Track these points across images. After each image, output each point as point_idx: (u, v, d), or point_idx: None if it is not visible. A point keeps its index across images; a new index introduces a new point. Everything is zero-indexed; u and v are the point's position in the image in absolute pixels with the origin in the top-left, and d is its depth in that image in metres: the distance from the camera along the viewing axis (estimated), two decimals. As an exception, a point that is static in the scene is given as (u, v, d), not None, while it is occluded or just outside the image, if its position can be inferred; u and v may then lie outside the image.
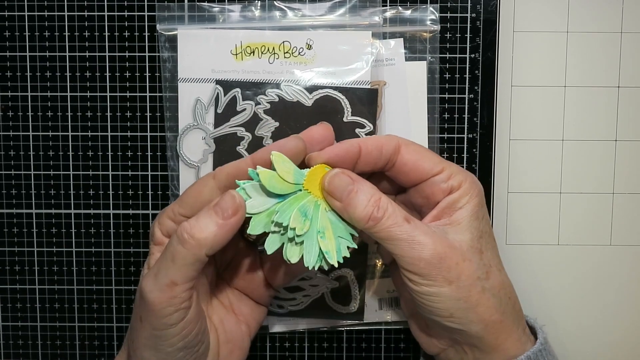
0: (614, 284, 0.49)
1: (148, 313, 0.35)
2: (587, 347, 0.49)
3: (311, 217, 0.37)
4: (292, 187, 0.37)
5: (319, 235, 0.37)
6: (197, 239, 0.34)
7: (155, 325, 0.35)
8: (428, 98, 0.46)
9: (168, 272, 0.35)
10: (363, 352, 0.48)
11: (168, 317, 0.35)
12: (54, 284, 0.48)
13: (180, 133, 0.46)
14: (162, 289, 0.35)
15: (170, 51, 0.45)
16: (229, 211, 0.35)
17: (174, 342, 0.36)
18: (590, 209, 0.48)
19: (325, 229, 0.37)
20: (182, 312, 0.35)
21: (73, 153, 0.47)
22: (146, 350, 0.36)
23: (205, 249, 0.34)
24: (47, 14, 0.46)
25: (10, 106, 0.47)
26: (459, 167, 0.39)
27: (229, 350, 0.40)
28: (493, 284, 0.37)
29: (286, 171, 0.37)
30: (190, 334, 0.36)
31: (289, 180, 0.37)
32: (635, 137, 0.48)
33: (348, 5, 0.46)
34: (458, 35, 0.46)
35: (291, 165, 0.37)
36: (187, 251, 0.34)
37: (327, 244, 0.37)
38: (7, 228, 0.48)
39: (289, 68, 0.45)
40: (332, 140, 0.39)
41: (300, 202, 0.37)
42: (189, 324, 0.36)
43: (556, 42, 0.47)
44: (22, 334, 0.48)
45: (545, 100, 0.47)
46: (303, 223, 0.36)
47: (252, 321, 0.41)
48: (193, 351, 0.37)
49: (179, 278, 0.34)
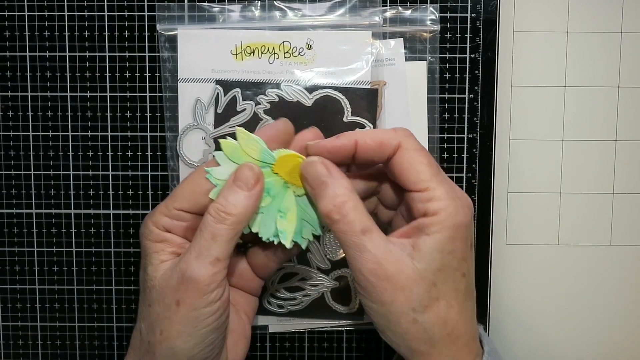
0: (614, 284, 0.49)
1: (191, 293, 0.36)
2: (587, 347, 0.49)
3: (274, 195, 0.39)
4: (257, 163, 0.39)
5: (279, 215, 0.39)
6: (234, 215, 0.36)
7: (197, 305, 0.36)
8: (428, 98, 0.46)
9: (211, 250, 0.36)
10: (363, 352, 0.48)
11: (210, 294, 0.36)
12: (54, 284, 0.48)
13: (180, 133, 0.46)
14: (207, 266, 0.36)
15: (170, 51, 0.45)
16: (252, 181, 0.37)
17: (210, 322, 0.37)
18: (590, 209, 0.48)
19: (288, 210, 0.39)
20: (221, 289, 0.37)
21: (73, 153, 0.47)
22: (179, 337, 0.37)
23: (242, 223, 0.37)
24: (47, 14, 0.46)
25: (10, 106, 0.47)
26: (450, 191, 0.36)
27: (235, 340, 0.41)
28: (430, 318, 0.36)
29: (252, 147, 0.39)
30: (224, 314, 0.38)
31: (253, 156, 0.39)
32: (635, 137, 0.48)
33: (348, 5, 0.46)
34: (458, 35, 0.46)
35: (259, 144, 0.39)
36: (227, 227, 0.36)
37: (286, 225, 0.39)
38: (7, 228, 0.48)
39: (289, 68, 0.45)
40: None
41: (266, 179, 0.39)
42: (225, 302, 0.37)
43: (556, 42, 0.47)
44: (22, 334, 0.48)
45: (545, 100, 0.47)
46: (263, 198, 0.39)
47: (248, 309, 0.42)
48: (220, 335, 0.38)
49: (221, 254, 0.36)
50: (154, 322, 0.38)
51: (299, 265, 0.47)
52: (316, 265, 0.47)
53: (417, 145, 0.37)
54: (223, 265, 0.37)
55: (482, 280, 0.47)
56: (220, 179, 0.39)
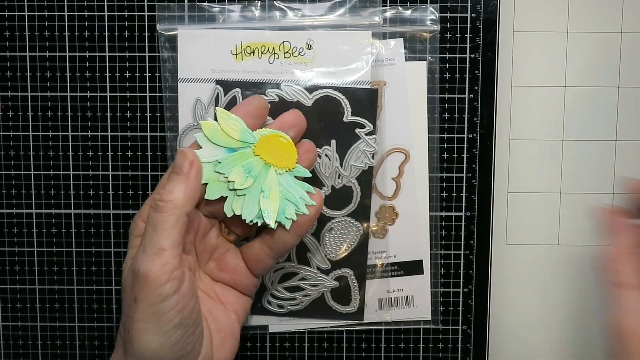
0: (614, 284, 0.49)
1: (143, 288, 0.36)
2: (588, 347, 0.49)
3: (256, 176, 0.40)
4: (238, 143, 0.40)
5: (262, 195, 0.40)
6: (169, 201, 0.36)
7: (152, 300, 0.36)
8: (428, 98, 0.46)
9: (153, 241, 0.36)
10: (363, 352, 0.48)
11: (162, 287, 0.36)
12: (54, 284, 0.48)
13: (180, 133, 0.46)
14: (151, 258, 0.36)
15: (170, 51, 0.45)
16: (186, 165, 0.38)
17: (171, 317, 0.36)
18: (590, 209, 0.48)
19: (270, 190, 0.40)
20: (175, 282, 0.36)
21: (73, 153, 0.47)
22: (143, 334, 0.37)
23: (181, 208, 0.37)
24: (47, 14, 0.46)
25: (10, 106, 0.47)
26: None
27: (221, 339, 0.41)
28: None
29: (231, 128, 0.39)
30: (186, 309, 0.37)
31: (233, 136, 0.39)
32: (635, 137, 0.48)
33: (348, 5, 0.46)
34: (458, 35, 0.46)
35: (239, 124, 0.39)
36: (165, 214, 0.36)
37: (268, 204, 0.40)
38: (7, 228, 0.48)
39: (289, 68, 0.45)
40: (304, 125, 0.42)
41: (246, 159, 0.39)
42: (184, 297, 0.37)
43: (556, 42, 0.47)
44: (22, 334, 0.48)
45: (545, 100, 0.47)
46: (244, 179, 0.39)
47: (239, 309, 0.42)
48: (189, 332, 0.37)
49: (164, 243, 0.36)
50: (124, 321, 0.38)
51: (299, 265, 0.47)
52: (316, 265, 0.47)
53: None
54: (170, 255, 0.36)
55: (482, 280, 0.47)
56: (202, 161, 0.39)
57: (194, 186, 0.38)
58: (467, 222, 0.47)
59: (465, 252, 0.47)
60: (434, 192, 0.47)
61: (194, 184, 0.38)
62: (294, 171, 0.41)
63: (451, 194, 0.47)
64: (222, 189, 0.40)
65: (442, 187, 0.47)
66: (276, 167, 0.40)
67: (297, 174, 0.41)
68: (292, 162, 0.40)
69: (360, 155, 0.45)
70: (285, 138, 0.40)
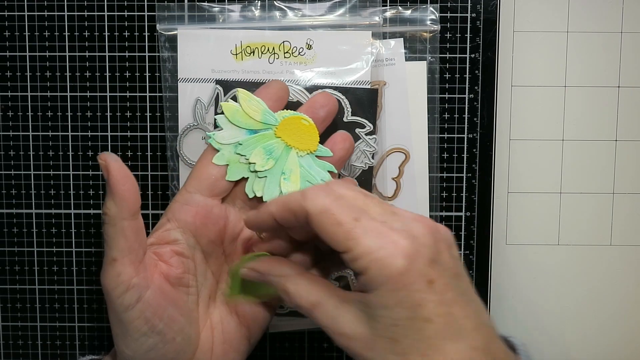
0: (614, 284, 0.49)
1: (107, 300, 0.37)
2: (588, 347, 0.49)
3: (277, 158, 0.40)
4: (259, 124, 0.40)
5: (283, 177, 0.40)
6: (105, 213, 0.36)
7: (116, 310, 0.36)
8: (428, 98, 0.46)
9: (106, 253, 0.36)
10: (363, 352, 0.48)
11: (122, 297, 0.36)
12: (54, 284, 0.48)
13: (180, 133, 0.46)
14: (105, 269, 0.36)
15: (170, 51, 0.45)
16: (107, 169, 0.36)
17: (139, 326, 0.36)
18: (590, 209, 0.48)
19: (291, 172, 0.40)
20: (134, 291, 0.36)
21: (73, 153, 0.47)
22: (120, 341, 0.37)
23: (116, 216, 0.36)
24: (47, 14, 0.46)
25: (10, 106, 0.47)
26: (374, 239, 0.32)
27: (224, 351, 0.40)
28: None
29: (253, 109, 0.40)
30: (155, 317, 0.37)
31: (255, 118, 0.40)
32: (635, 137, 0.48)
33: (348, 5, 0.46)
34: (458, 35, 0.46)
35: (260, 105, 0.40)
36: (106, 226, 0.36)
37: (289, 186, 0.40)
38: (7, 228, 0.48)
39: (289, 68, 0.45)
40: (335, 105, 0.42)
41: (268, 141, 0.39)
42: (150, 305, 0.36)
43: (556, 42, 0.47)
44: (22, 334, 0.48)
45: (545, 100, 0.47)
46: (265, 161, 0.39)
47: (254, 325, 0.41)
48: (166, 339, 0.37)
49: (114, 253, 0.36)
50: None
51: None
52: (316, 265, 0.47)
53: (322, 206, 0.33)
54: (122, 264, 0.36)
55: (482, 280, 0.47)
56: (223, 142, 0.39)
57: (121, 191, 0.36)
58: (467, 222, 0.47)
59: (466, 252, 0.47)
60: (434, 192, 0.47)
61: (120, 188, 0.36)
62: (315, 152, 0.41)
63: (451, 194, 0.47)
64: (243, 170, 0.40)
65: (442, 187, 0.47)
66: (297, 149, 0.40)
67: (319, 154, 0.41)
68: (314, 144, 0.40)
69: (360, 155, 0.45)
70: (307, 120, 0.40)
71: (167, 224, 0.39)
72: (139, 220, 0.37)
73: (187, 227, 0.39)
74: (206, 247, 0.40)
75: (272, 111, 0.40)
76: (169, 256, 0.39)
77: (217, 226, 0.40)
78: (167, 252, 0.39)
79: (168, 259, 0.39)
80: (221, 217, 0.40)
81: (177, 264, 0.39)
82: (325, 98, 0.42)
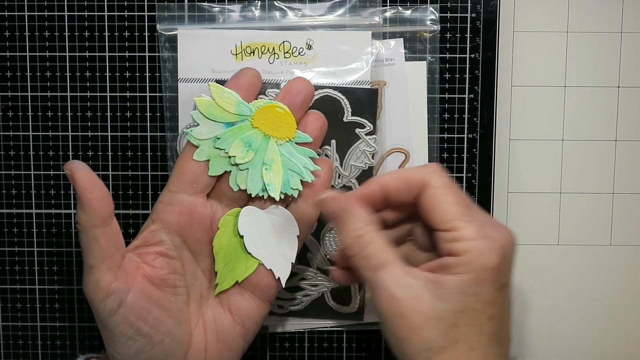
0: (614, 284, 0.49)
1: (91, 307, 0.37)
2: (588, 347, 0.49)
3: (257, 149, 0.39)
4: (234, 117, 0.39)
5: (264, 167, 0.39)
6: (77, 222, 0.37)
7: (100, 316, 0.37)
8: (428, 98, 0.46)
9: (84, 262, 0.37)
10: (363, 352, 0.48)
11: (103, 303, 0.36)
12: (54, 284, 0.48)
13: (180, 133, 0.46)
14: (85, 277, 0.37)
15: (170, 51, 0.45)
16: (73, 178, 0.36)
17: (123, 330, 0.37)
18: (590, 209, 0.48)
19: (272, 162, 0.40)
20: (115, 296, 0.36)
21: (73, 153, 0.47)
22: (109, 344, 0.38)
23: (88, 224, 0.36)
24: (47, 14, 0.46)
25: (10, 106, 0.47)
26: (479, 230, 0.34)
27: (218, 350, 0.40)
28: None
29: (226, 101, 0.39)
30: (138, 321, 0.37)
31: (229, 110, 0.39)
32: (635, 137, 0.48)
33: (348, 5, 0.46)
34: (458, 35, 0.46)
35: (233, 97, 0.39)
36: (80, 235, 0.37)
37: (272, 177, 0.40)
38: (7, 228, 0.48)
39: (289, 68, 0.45)
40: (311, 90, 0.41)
41: (245, 133, 0.39)
42: (133, 309, 0.37)
43: (556, 42, 0.47)
44: (22, 334, 0.48)
45: (545, 100, 0.47)
46: (245, 153, 0.39)
47: (248, 321, 0.41)
48: (154, 341, 0.37)
49: (91, 261, 0.36)
50: None
51: (299, 265, 0.47)
52: (316, 265, 0.47)
53: (445, 182, 0.36)
54: (100, 270, 0.36)
55: (482, 280, 0.47)
56: (201, 138, 0.39)
57: (89, 199, 0.36)
58: (467, 222, 0.47)
59: (465, 252, 0.47)
60: (434, 192, 0.47)
61: (87, 197, 0.36)
62: (294, 139, 0.40)
63: (451, 194, 0.47)
64: (225, 164, 0.40)
65: (442, 187, 0.47)
66: (276, 138, 0.40)
67: (298, 141, 0.40)
68: (292, 132, 0.40)
69: (360, 155, 0.45)
70: (282, 108, 0.40)
71: (152, 225, 0.39)
72: (113, 225, 0.37)
73: (171, 228, 0.39)
74: (193, 246, 0.40)
75: (247, 101, 0.40)
76: (151, 258, 0.39)
77: (202, 225, 0.40)
78: (150, 254, 0.39)
79: (151, 261, 0.39)
80: (206, 215, 0.40)
81: (160, 265, 0.39)
82: (301, 84, 0.41)
